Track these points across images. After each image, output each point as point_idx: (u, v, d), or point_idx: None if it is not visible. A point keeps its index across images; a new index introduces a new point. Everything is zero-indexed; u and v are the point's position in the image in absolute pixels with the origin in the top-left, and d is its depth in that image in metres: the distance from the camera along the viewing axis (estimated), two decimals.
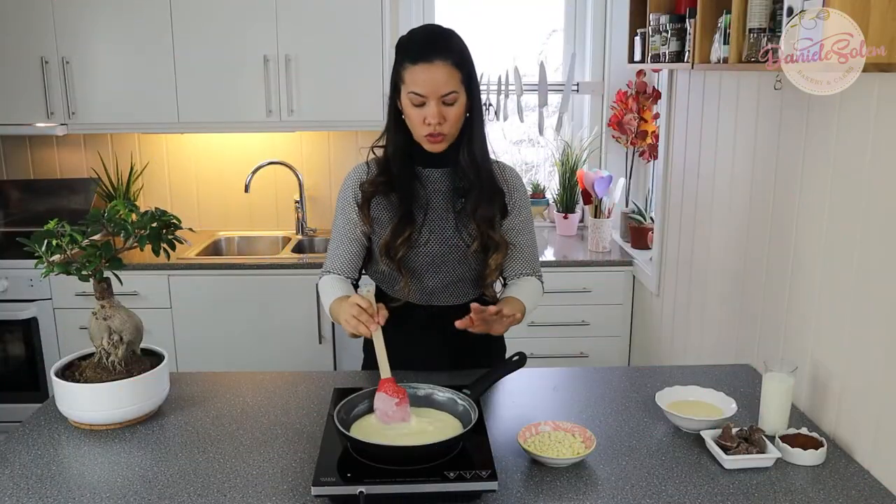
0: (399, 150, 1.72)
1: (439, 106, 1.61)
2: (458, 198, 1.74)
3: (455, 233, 1.74)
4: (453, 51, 1.62)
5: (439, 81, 1.59)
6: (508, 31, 3.75)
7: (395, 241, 1.70)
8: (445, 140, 1.67)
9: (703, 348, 2.39)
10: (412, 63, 1.60)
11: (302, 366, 3.03)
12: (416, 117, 1.64)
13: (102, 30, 3.13)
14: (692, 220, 2.46)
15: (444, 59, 1.59)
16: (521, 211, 1.80)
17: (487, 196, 1.72)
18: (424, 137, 1.66)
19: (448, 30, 1.67)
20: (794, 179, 1.74)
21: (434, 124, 1.62)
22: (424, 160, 1.73)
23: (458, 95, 1.63)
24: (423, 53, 1.60)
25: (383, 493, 1.23)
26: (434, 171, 1.75)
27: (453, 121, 1.64)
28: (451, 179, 1.75)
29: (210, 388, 1.75)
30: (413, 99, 1.62)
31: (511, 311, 1.58)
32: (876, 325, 1.42)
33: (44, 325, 3.13)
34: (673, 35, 2.18)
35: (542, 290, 1.84)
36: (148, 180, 3.62)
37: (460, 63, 1.62)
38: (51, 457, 1.44)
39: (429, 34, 1.66)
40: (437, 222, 1.74)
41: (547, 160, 3.87)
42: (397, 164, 1.72)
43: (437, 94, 1.60)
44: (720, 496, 1.30)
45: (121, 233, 1.56)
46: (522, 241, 1.80)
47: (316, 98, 3.19)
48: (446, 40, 1.64)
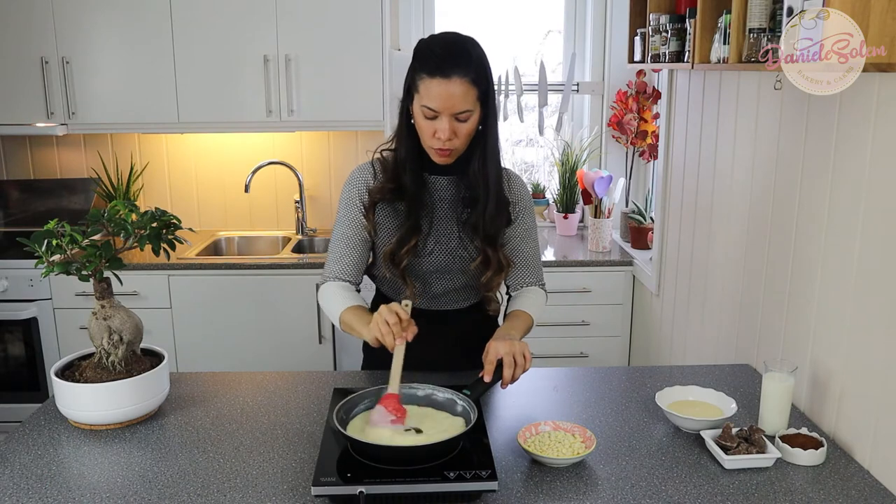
0: (411, 156, 1.67)
1: (452, 122, 1.56)
2: (463, 207, 1.71)
3: (459, 244, 1.72)
4: (472, 66, 1.55)
5: (455, 98, 1.53)
6: (508, 31, 3.75)
7: (400, 249, 1.67)
8: (453, 154, 1.64)
9: (703, 348, 2.39)
10: (429, 76, 1.54)
11: (302, 366, 3.03)
12: (427, 129, 1.59)
13: (102, 30, 3.13)
14: (692, 220, 2.46)
15: (463, 76, 1.53)
16: (525, 220, 1.78)
17: (494, 210, 1.68)
18: (433, 150, 1.63)
19: (469, 39, 1.61)
20: (794, 179, 1.74)
21: (444, 140, 1.58)
22: (432, 167, 1.69)
23: (472, 113, 1.58)
24: (440, 67, 1.53)
25: (383, 493, 1.23)
26: (440, 179, 1.72)
27: (464, 137, 1.60)
28: (457, 188, 1.72)
29: (210, 388, 1.75)
30: (425, 112, 1.56)
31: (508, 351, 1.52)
32: (876, 325, 1.42)
33: (44, 325, 3.13)
34: (673, 35, 2.18)
35: (546, 300, 1.82)
36: (148, 180, 3.63)
37: (478, 79, 1.56)
38: (51, 457, 1.44)
39: (449, 45, 1.57)
40: (441, 232, 1.72)
41: (547, 160, 3.87)
42: (408, 171, 1.67)
43: (450, 111, 1.55)
44: (720, 496, 1.30)
45: (121, 233, 1.56)
46: (526, 250, 1.78)
47: (316, 98, 3.19)
48: (466, 54, 1.56)
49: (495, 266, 1.70)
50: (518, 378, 1.53)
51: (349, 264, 1.74)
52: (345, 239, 1.74)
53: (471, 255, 1.71)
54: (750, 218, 2.00)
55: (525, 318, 1.71)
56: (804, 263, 1.69)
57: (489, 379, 1.50)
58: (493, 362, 1.50)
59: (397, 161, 1.70)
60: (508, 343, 1.52)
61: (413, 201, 1.68)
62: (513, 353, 1.51)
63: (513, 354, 1.50)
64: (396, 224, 1.71)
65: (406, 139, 1.67)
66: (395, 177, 1.70)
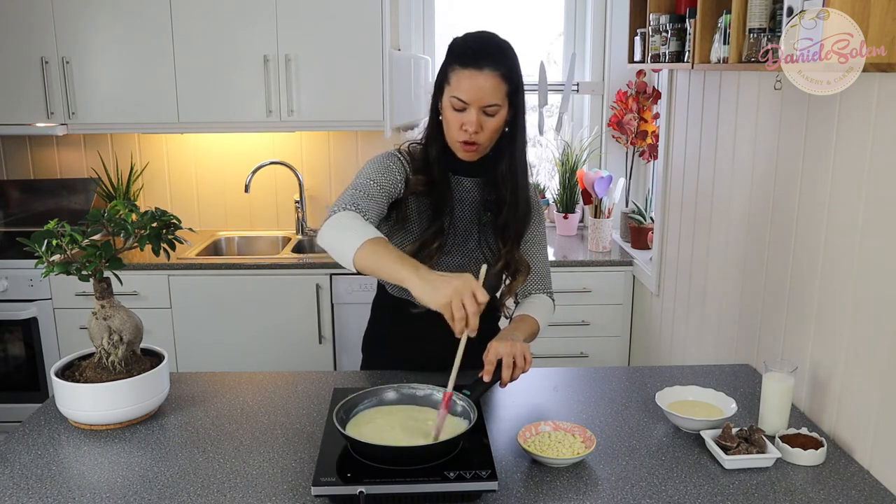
0: (441, 154, 1.67)
1: (479, 115, 1.57)
2: (484, 211, 1.71)
3: (477, 246, 1.72)
4: (504, 62, 1.57)
5: (485, 90, 1.55)
6: (508, 32, 3.75)
7: (422, 250, 1.66)
8: (478, 151, 1.64)
9: (703, 348, 2.39)
10: (461, 67, 1.56)
11: (302, 366, 3.03)
12: (454, 121, 1.60)
13: (102, 30, 3.13)
14: (692, 220, 2.46)
15: (494, 70, 1.55)
16: (536, 226, 1.79)
17: (520, 215, 1.70)
18: (458, 143, 1.62)
19: (504, 41, 1.62)
20: (794, 179, 1.74)
21: (471, 132, 1.58)
22: (456, 167, 1.69)
23: (500, 108, 1.58)
24: (473, 59, 1.55)
25: (383, 493, 1.23)
26: (465, 180, 1.72)
27: (490, 132, 1.60)
28: (480, 191, 1.72)
29: (210, 388, 1.75)
30: (454, 103, 1.57)
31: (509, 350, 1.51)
32: (876, 324, 1.42)
33: (44, 325, 3.13)
34: (673, 35, 2.18)
35: (554, 310, 1.82)
36: (148, 180, 3.63)
37: (509, 76, 1.57)
38: (51, 457, 1.44)
39: (483, 40, 1.60)
40: (461, 233, 1.72)
41: (547, 160, 3.87)
42: (438, 169, 1.67)
43: (479, 102, 1.56)
44: (720, 496, 1.30)
45: (121, 233, 1.56)
46: (535, 257, 1.78)
47: (316, 98, 3.19)
48: (500, 51, 1.59)
49: (515, 267, 1.71)
50: (517, 378, 1.53)
51: (370, 208, 1.58)
52: (373, 182, 1.61)
53: (486, 258, 1.71)
54: (750, 218, 2.00)
55: (530, 323, 1.70)
56: (804, 263, 1.69)
57: (488, 379, 1.49)
58: (492, 362, 1.50)
59: (428, 157, 1.69)
60: (510, 344, 1.52)
61: (441, 201, 1.68)
62: (513, 353, 1.50)
63: (513, 355, 1.50)
64: (419, 221, 1.69)
65: (436, 136, 1.67)
66: (426, 170, 1.68)
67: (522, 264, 1.73)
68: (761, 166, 1.93)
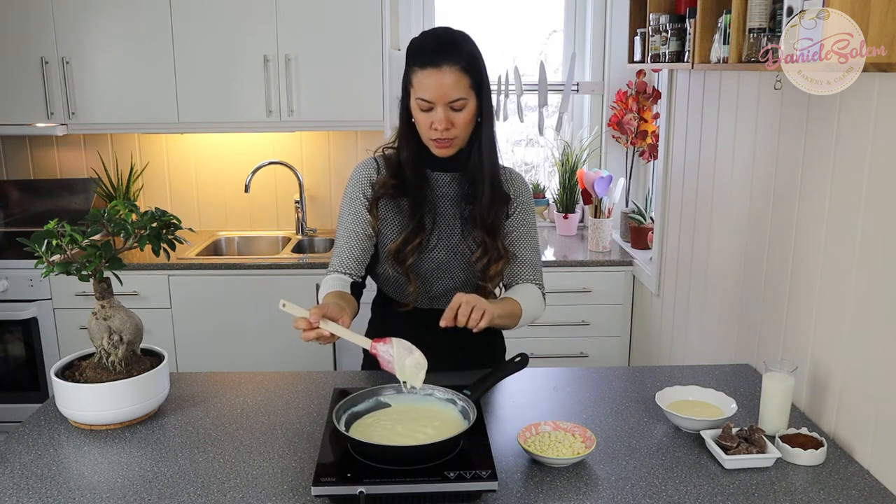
0: (413, 155, 1.70)
1: (447, 112, 1.59)
2: (465, 204, 1.73)
3: (461, 240, 1.73)
4: (462, 56, 1.58)
5: (447, 87, 1.57)
6: (508, 31, 3.75)
7: (405, 247, 1.68)
8: (453, 145, 1.65)
9: (703, 348, 2.39)
10: (420, 67, 1.58)
11: (302, 366, 3.03)
12: (424, 122, 1.62)
13: (102, 30, 3.13)
14: (692, 220, 2.46)
15: (453, 65, 1.56)
16: (523, 216, 1.78)
17: (493, 203, 1.70)
18: (432, 142, 1.65)
19: (460, 33, 1.64)
20: (794, 179, 1.74)
21: (441, 130, 1.60)
22: (434, 163, 1.72)
23: (467, 101, 1.60)
24: (431, 58, 1.57)
25: (383, 493, 1.23)
26: (443, 175, 1.74)
27: (462, 126, 1.62)
28: (459, 184, 1.74)
29: (210, 388, 1.75)
30: (420, 104, 1.60)
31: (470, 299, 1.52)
32: (876, 324, 1.42)
33: (44, 325, 3.13)
34: (673, 35, 2.18)
35: (544, 301, 1.79)
36: (148, 180, 3.63)
37: (469, 68, 1.59)
38: (51, 457, 1.44)
39: (438, 38, 1.62)
40: (444, 228, 1.73)
41: (547, 160, 3.87)
42: (411, 169, 1.70)
43: (444, 100, 1.58)
44: (720, 496, 1.30)
45: (121, 233, 1.56)
46: (523, 246, 1.78)
47: (316, 98, 3.19)
48: (456, 45, 1.59)
49: (493, 254, 1.71)
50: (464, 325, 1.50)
51: (351, 257, 1.73)
52: (348, 232, 1.74)
53: (472, 251, 1.72)
54: (750, 218, 2.00)
55: (511, 303, 1.67)
56: (804, 263, 1.69)
57: (444, 324, 1.50)
58: (453, 308, 1.50)
59: (400, 159, 1.72)
60: (475, 298, 1.52)
61: (416, 199, 1.70)
62: (472, 305, 1.50)
63: (471, 306, 1.50)
64: (399, 220, 1.72)
65: (407, 138, 1.70)
66: (398, 173, 1.72)
67: (503, 252, 1.72)
68: (761, 166, 1.93)
